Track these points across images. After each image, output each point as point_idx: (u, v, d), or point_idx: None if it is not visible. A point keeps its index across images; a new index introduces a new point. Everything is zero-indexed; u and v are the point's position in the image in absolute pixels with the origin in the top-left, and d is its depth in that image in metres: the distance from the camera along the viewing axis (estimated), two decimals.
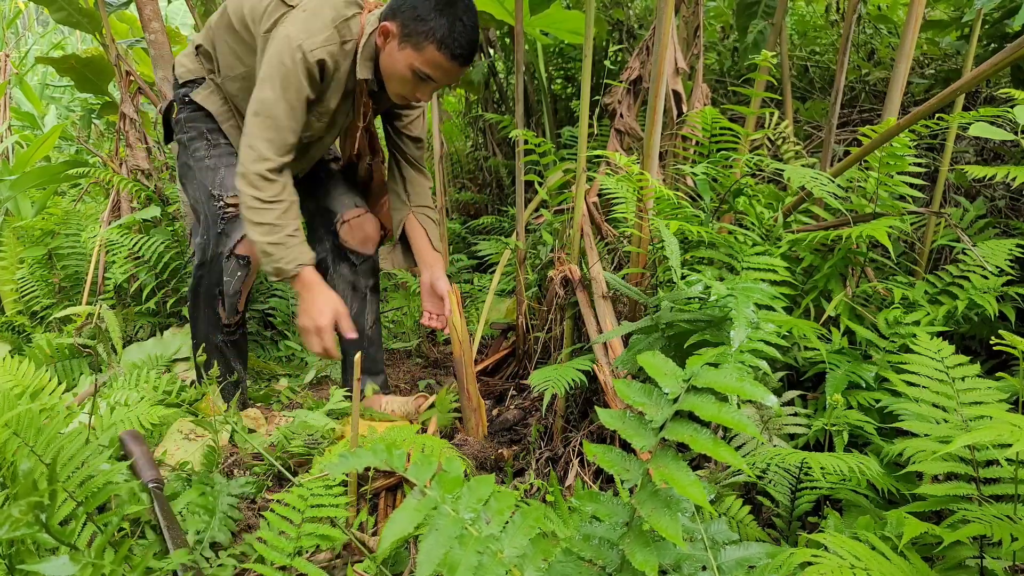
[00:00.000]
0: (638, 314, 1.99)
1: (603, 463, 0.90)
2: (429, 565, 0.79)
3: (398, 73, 1.80)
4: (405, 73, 1.79)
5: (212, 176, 1.98)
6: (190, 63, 2.07)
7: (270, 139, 1.79)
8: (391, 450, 0.90)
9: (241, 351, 2.13)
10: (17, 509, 1.07)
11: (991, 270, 1.74)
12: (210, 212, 1.97)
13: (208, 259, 1.96)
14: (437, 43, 1.72)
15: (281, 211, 1.81)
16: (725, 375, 0.86)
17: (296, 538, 1.31)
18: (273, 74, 1.77)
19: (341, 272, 2.26)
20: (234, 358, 2.11)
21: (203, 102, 2.03)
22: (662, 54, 1.77)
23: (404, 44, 1.76)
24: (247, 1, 1.90)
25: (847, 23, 1.90)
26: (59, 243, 3.01)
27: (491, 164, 3.81)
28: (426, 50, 1.74)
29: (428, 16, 1.71)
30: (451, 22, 1.72)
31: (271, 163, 1.79)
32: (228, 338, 2.06)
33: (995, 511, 1.10)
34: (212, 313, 2.00)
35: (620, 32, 3.41)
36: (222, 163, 2.00)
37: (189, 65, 2.06)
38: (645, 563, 0.82)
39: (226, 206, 1.95)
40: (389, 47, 1.79)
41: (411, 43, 1.75)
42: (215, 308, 1.99)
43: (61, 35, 7.45)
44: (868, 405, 1.53)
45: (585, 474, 1.77)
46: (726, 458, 0.81)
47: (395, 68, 1.80)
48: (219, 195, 1.96)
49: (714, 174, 1.81)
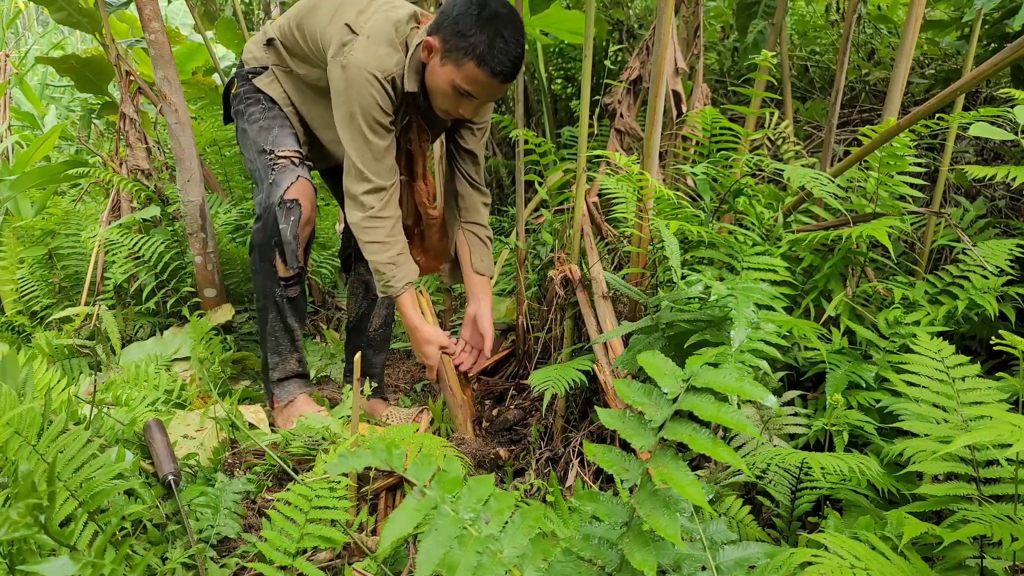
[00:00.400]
0: (638, 314, 1.99)
1: (603, 463, 0.90)
2: (428, 565, 0.79)
3: (440, 88, 1.80)
4: (446, 89, 1.78)
5: (266, 135, 2.03)
6: (258, 51, 2.11)
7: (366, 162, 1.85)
8: (391, 450, 0.90)
9: (298, 309, 2.11)
10: (16, 511, 1.07)
11: (991, 270, 1.73)
12: (262, 166, 2.01)
13: (264, 212, 1.98)
14: (477, 59, 1.70)
15: (389, 227, 1.91)
16: (724, 375, 0.86)
17: (298, 538, 1.31)
18: (352, 107, 1.80)
19: (359, 271, 2.31)
20: (291, 315, 2.10)
21: (265, 88, 2.08)
22: (662, 54, 1.77)
23: (445, 60, 1.75)
24: (319, 22, 1.92)
25: (847, 23, 1.90)
26: (59, 243, 3.01)
27: (491, 164, 3.81)
28: (466, 66, 1.72)
29: (469, 32, 1.69)
30: (491, 38, 1.69)
31: (371, 184, 1.87)
32: (285, 292, 2.05)
33: (995, 511, 1.10)
34: (270, 266, 2.01)
35: (620, 32, 3.41)
36: (275, 123, 2.06)
37: (257, 54, 2.12)
38: (644, 563, 0.82)
39: (276, 158, 2.00)
40: (432, 62, 1.79)
41: (452, 59, 1.73)
42: (272, 261, 2.00)
43: (61, 35, 7.45)
44: (868, 405, 1.53)
45: (585, 474, 1.77)
46: (725, 458, 0.81)
47: (437, 84, 1.80)
48: (270, 149, 2.01)
49: (714, 174, 1.81)
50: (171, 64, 2.50)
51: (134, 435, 1.75)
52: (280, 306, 2.06)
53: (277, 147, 2.01)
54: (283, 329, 2.10)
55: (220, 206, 3.16)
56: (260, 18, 4.35)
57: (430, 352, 2.02)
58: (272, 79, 2.09)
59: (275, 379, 2.13)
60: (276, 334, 2.09)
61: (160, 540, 1.46)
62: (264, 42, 2.10)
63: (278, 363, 2.12)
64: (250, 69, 2.11)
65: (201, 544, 1.47)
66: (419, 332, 2.01)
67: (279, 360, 2.12)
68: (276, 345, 2.11)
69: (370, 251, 1.92)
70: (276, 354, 2.11)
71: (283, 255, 2.00)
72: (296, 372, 2.15)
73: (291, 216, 1.97)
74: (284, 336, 2.11)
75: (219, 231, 2.94)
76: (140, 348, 2.63)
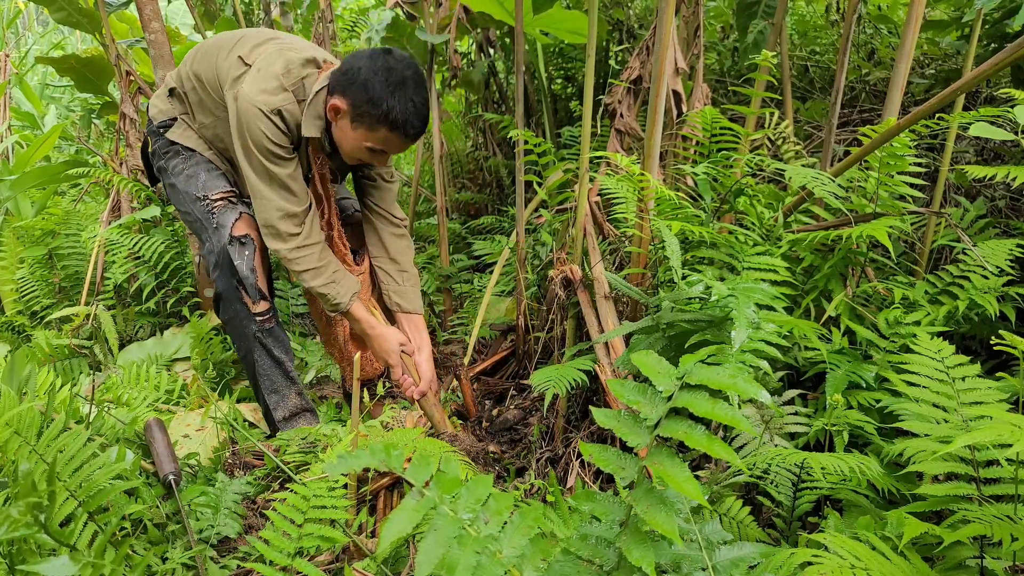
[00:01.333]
0: (639, 314, 1.99)
1: (599, 462, 0.90)
2: (428, 565, 0.79)
3: (352, 147, 1.83)
4: (359, 148, 1.82)
5: (194, 182, 2.00)
6: (163, 104, 2.08)
7: (274, 190, 1.84)
8: (389, 451, 0.90)
9: (280, 340, 2.06)
10: (15, 510, 1.07)
11: (991, 270, 1.73)
12: (201, 214, 1.98)
13: (218, 258, 1.96)
14: (390, 125, 1.75)
15: (318, 252, 1.90)
16: (718, 372, 0.87)
17: (298, 539, 1.31)
18: (246, 141, 1.79)
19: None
20: (276, 347, 2.05)
21: (180, 139, 2.04)
22: (662, 54, 1.77)
23: (357, 124, 1.77)
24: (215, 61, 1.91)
25: (847, 23, 1.90)
26: (59, 243, 3.01)
27: (491, 164, 3.81)
28: (379, 131, 1.76)
29: (379, 100, 1.72)
30: (403, 104, 1.73)
31: (289, 213, 1.85)
32: (262, 327, 2.01)
33: (995, 511, 1.09)
34: (241, 306, 1.98)
35: (620, 32, 3.41)
36: (200, 169, 2.02)
37: (162, 107, 2.08)
38: (641, 559, 0.82)
39: (212, 202, 1.97)
40: (341, 124, 1.81)
41: (364, 124, 1.76)
42: (242, 300, 1.98)
43: (61, 35, 7.46)
44: (868, 405, 1.53)
45: (586, 474, 1.77)
46: (720, 454, 0.81)
47: (348, 144, 1.83)
48: (203, 196, 1.98)
49: (714, 174, 1.81)
50: (171, 64, 2.50)
51: (134, 435, 1.75)
52: (262, 341, 2.02)
53: (209, 191, 1.98)
54: (272, 364, 2.05)
55: None
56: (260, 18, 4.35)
57: (391, 349, 1.98)
58: (184, 128, 2.05)
59: (280, 419, 2.06)
60: (267, 372, 2.04)
61: (160, 540, 1.46)
62: (167, 94, 2.07)
63: (279, 402, 2.06)
64: (160, 123, 2.06)
65: (201, 544, 1.47)
66: (375, 331, 1.98)
67: (279, 399, 2.06)
68: (271, 384, 2.05)
69: (306, 278, 1.90)
70: (274, 393, 2.06)
71: (247, 291, 1.97)
72: (301, 408, 2.09)
73: (245, 251, 1.95)
74: (276, 371, 2.05)
75: None
76: (140, 348, 2.64)
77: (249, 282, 1.96)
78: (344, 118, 1.79)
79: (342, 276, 1.94)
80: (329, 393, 2.49)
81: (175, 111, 2.06)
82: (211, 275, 2.00)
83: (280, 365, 2.06)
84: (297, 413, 2.08)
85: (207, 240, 1.99)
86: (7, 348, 2.72)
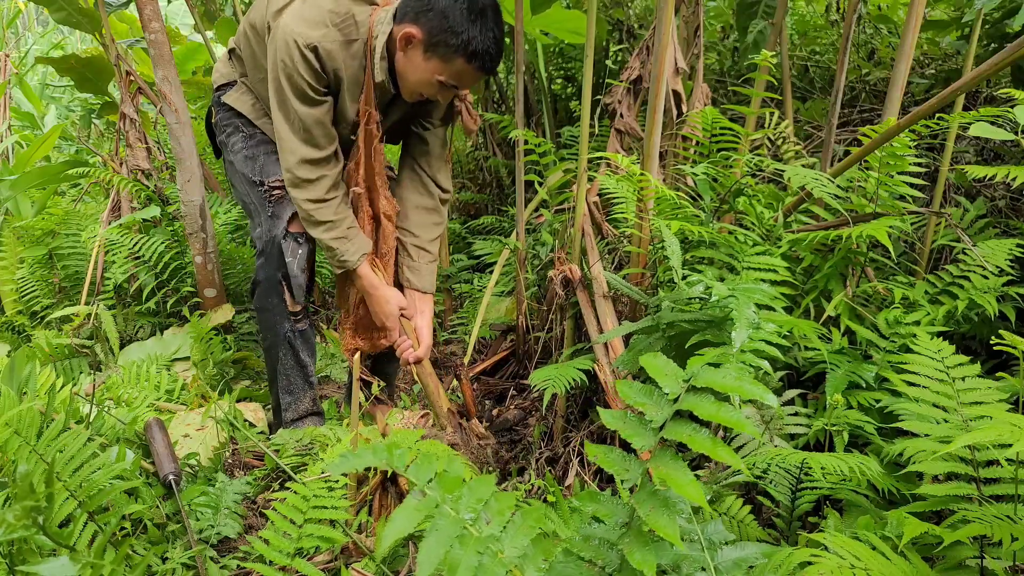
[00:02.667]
0: (638, 314, 1.99)
1: (603, 463, 0.90)
2: (430, 565, 0.79)
3: (419, 80, 1.73)
4: (429, 81, 1.72)
5: (252, 165, 1.96)
6: (224, 67, 2.05)
7: (302, 139, 1.77)
8: (391, 450, 0.90)
9: (309, 343, 2.04)
10: (12, 513, 1.07)
11: (991, 270, 1.73)
12: (257, 199, 1.95)
13: (266, 246, 1.92)
14: (468, 56, 1.65)
15: (335, 206, 1.83)
16: (725, 375, 0.87)
17: (297, 539, 1.31)
18: (279, 75, 1.72)
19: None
20: (303, 350, 2.02)
21: (235, 104, 2.00)
22: (662, 54, 1.77)
23: (431, 55, 1.67)
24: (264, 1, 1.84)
25: (847, 23, 1.90)
26: (59, 243, 3.01)
27: (491, 164, 3.81)
28: (455, 62, 1.66)
29: (459, 28, 1.62)
30: (484, 34, 1.64)
31: (309, 160, 1.78)
32: (296, 326, 1.97)
33: (995, 511, 1.10)
34: (278, 301, 1.93)
35: (620, 32, 3.41)
36: (260, 151, 1.97)
37: (223, 69, 2.05)
38: (643, 562, 0.82)
39: (270, 189, 1.93)
40: (411, 54, 1.70)
41: (438, 54, 1.66)
42: (280, 295, 1.93)
43: (61, 35, 7.45)
44: (868, 405, 1.53)
45: (585, 474, 1.77)
46: (724, 457, 0.81)
47: (417, 76, 1.72)
48: (261, 180, 1.94)
49: (714, 174, 1.81)
50: (171, 64, 2.50)
51: (134, 435, 1.75)
52: (292, 342, 1.98)
53: (267, 176, 1.93)
54: (295, 366, 2.01)
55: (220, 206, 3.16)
56: None
57: (390, 311, 1.93)
58: (242, 91, 2.01)
59: (288, 420, 2.04)
60: (288, 372, 2.01)
61: (160, 540, 1.46)
62: (228, 56, 2.04)
63: (291, 404, 2.03)
64: (219, 86, 2.03)
65: (201, 544, 1.47)
66: (377, 292, 1.91)
67: (292, 400, 2.03)
68: (288, 384, 2.02)
69: (319, 231, 1.83)
70: (288, 393, 2.02)
71: (291, 289, 1.93)
72: (310, 411, 2.07)
73: (299, 250, 1.91)
74: (297, 374, 2.02)
75: (219, 231, 2.94)
76: (140, 348, 2.63)
77: (297, 282, 1.92)
78: (416, 48, 1.68)
79: (355, 234, 1.88)
80: (329, 392, 2.49)
81: (234, 74, 2.02)
82: (257, 259, 1.97)
83: (303, 368, 2.03)
84: (304, 417, 2.06)
85: (258, 224, 1.96)
86: (7, 348, 2.71)
